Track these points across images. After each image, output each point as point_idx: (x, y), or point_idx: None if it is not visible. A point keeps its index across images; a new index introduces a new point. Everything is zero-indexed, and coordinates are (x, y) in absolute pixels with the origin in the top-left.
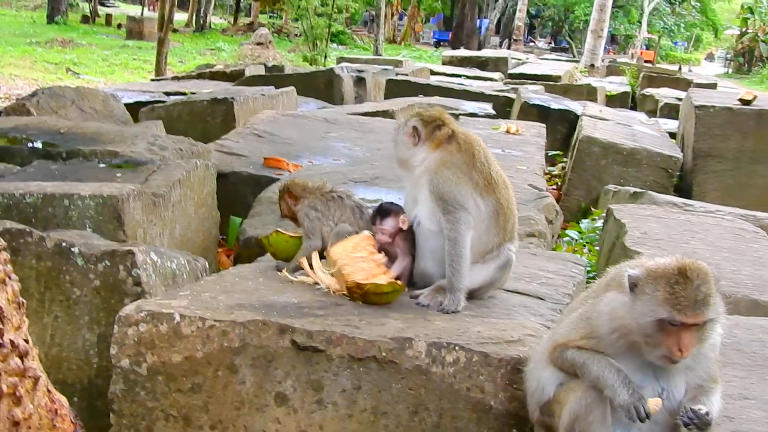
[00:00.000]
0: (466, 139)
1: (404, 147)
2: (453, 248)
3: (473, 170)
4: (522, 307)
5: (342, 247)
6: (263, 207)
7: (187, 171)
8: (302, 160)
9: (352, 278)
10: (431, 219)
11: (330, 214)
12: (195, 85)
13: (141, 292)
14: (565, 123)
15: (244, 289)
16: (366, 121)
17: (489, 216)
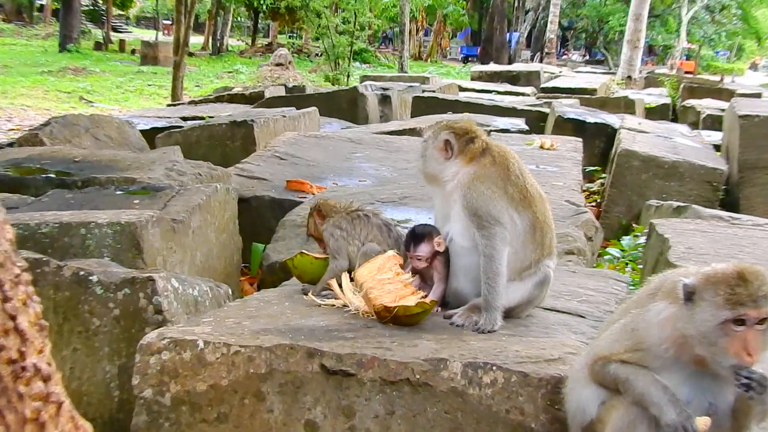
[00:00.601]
0: (500, 151)
1: (435, 161)
2: (489, 265)
3: (508, 184)
4: (562, 325)
5: (367, 269)
6: (287, 231)
7: (207, 196)
8: (326, 182)
9: (379, 302)
10: (464, 235)
11: (356, 233)
12: (213, 108)
13: (162, 320)
14: (602, 137)
15: (270, 314)
16: (392, 140)
17: (525, 231)
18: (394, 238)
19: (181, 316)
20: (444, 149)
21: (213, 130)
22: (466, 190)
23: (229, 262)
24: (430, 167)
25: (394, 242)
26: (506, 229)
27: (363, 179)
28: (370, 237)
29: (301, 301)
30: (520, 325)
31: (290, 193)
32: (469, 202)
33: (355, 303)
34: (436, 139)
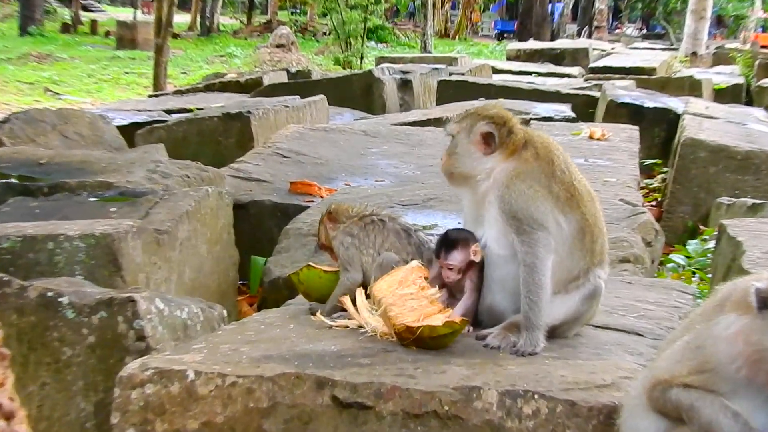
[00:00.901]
0: (543, 143)
1: (469, 158)
2: (530, 276)
3: (553, 181)
4: (615, 345)
5: (386, 282)
6: (291, 241)
7: (197, 201)
8: (337, 182)
9: (400, 321)
10: (501, 242)
11: (369, 241)
12: (202, 99)
13: (146, 347)
14: (662, 124)
15: (272, 338)
16: (414, 133)
17: (573, 236)
18: (415, 245)
19: (168, 343)
20: (483, 143)
21: (203, 124)
22: (504, 190)
23: (224, 280)
24: (463, 165)
25: (415, 250)
26: (550, 234)
27: (380, 179)
28: (387, 245)
29: (309, 323)
30: (567, 345)
31: (295, 197)
32: (507, 204)
33: (371, 323)
34: (472, 131)
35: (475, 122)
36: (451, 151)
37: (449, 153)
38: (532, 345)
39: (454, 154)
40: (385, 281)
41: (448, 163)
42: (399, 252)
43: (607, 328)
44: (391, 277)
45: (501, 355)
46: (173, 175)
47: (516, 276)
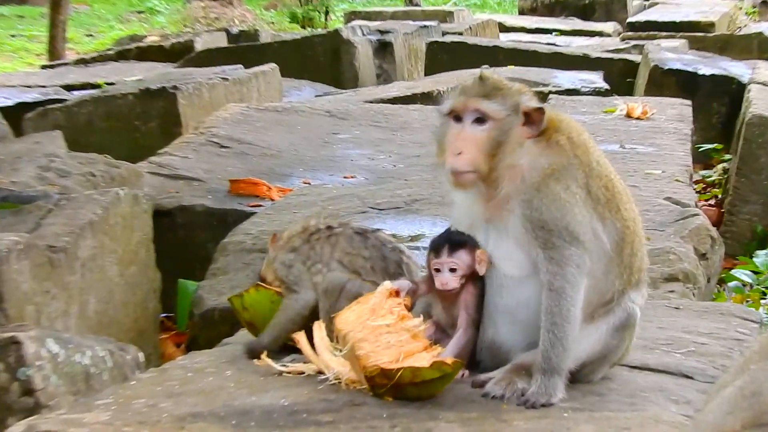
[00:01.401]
0: (574, 125)
1: (510, 148)
2: (557, 304)
3: (591, 178)
4: (656, 392)
5: (353, 313)
6: (230, 260)
7: (104, 209)
8: (293, 180)
9: (373, 362)
10: (516, 260)
11: (316, 255)
12: (114, 70)
13: (35, 404)
14: (723, 97)
15: (203, 390)
16: (395, 113)
17: (612, 249)
18: (374, 248)
19: (65, 398)
20: (531, 126)
21: (114, 104)
22: (534, 193)
23: (142, 312)
24: (502, 159)
25: (376, 254)
26: (586, 251)
27: (350, 174)
28: (338, 254)
29: (252, 368)
30: (592, 393)
31: (236, 200)
32: (537, 211)
33: (334, 367)
34: (516, 109)
35: (514, 96)
36: (483, 139)
37: (478, 141)
38: (548, 393)
39: (489, 143)
40: (352, 311)
41: (475, 157)
42: (354, 260)
43: (645, 369)
44: (359, 305)
45: (505, 408)
46: (73, 173)
47: (531, 304)
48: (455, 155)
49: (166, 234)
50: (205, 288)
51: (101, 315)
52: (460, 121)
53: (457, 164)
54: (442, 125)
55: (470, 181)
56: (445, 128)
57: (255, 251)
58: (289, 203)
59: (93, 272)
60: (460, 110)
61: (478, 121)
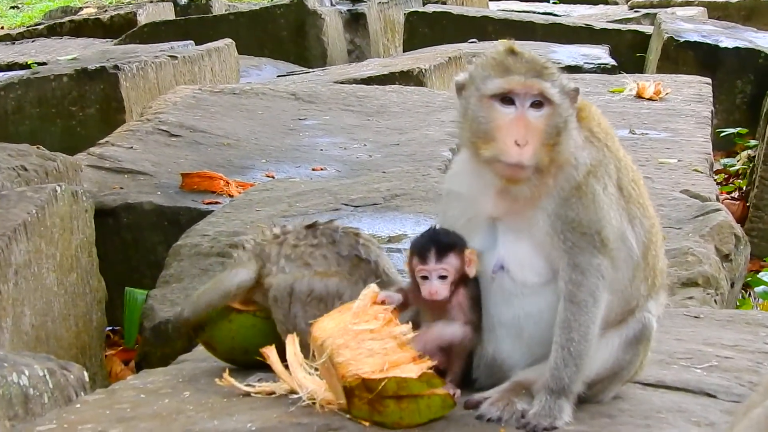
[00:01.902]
0: (596, 112)
1: (567, 135)
2: (577, 318)
3: (621, 172)
4: (675, 413)
5: (333, 320)
6: (185, 265)
7: (40, 208)
8: (255, 173)
9: (353, 372)
10: (533, 265)
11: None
12: (45, 48)
13: None
14: (749, 74)
15: (157, 413)
16: (370, 95)
17: (639, 255)
18: (323, 234)
19: (0, 423)
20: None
21: (46, 87)
22: (574, 190)
23: (84, 325)
24: (564, 149)
25: (327, 242)
26: (611, 260)
27: (320, 166)
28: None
29: (213, 388)
30: (601, 414)
31: (189, 197)
32: (574, 210)
33: (308, 386)
34: (565, 90)
35: (557, 75)
36: (544, 126)
37: (539, 129)
38: (552, 416)
39: (548, 131)
40: (331, 318)
41: (537, 148)
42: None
43: (661, 387)
44: (339, 312)
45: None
46: (2, 166)
47: (543, 317)
48: (519, 146)
49: (109, 236)
50: (156, 297)
51: (38, 329)
52: (512, 104)
53: (523, 157)
54: (484, 110)
55: (527, 176)
56: (489, 113)
57: (212, 255)
58: (251, 200)
59: (28, 280)
60: (517, 92)
61: (534, 105)
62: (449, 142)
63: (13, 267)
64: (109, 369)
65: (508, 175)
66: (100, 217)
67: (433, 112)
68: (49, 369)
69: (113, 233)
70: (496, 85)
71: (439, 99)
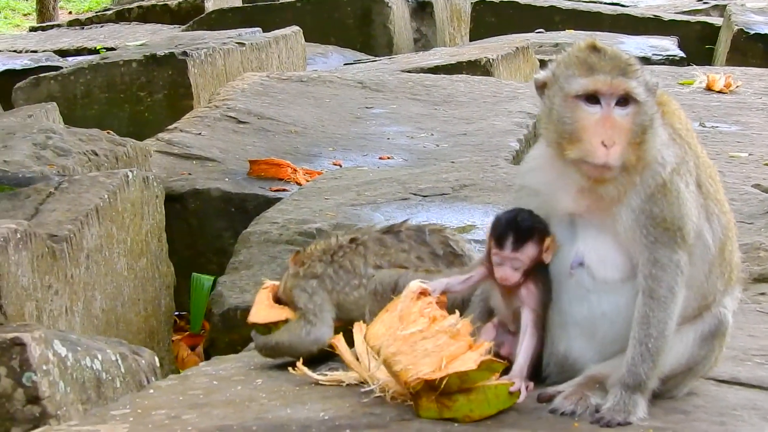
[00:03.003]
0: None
1: (654, 132)
2: (655, 314)
3: (700, 169)
4: (749, 410)
5: (383, 324)
6: (254, 252)
7: (111, 192)
8: (322, 161)
9: (413, 376)
10: (614, 262)
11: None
12: (113, 33)
13: (41, 413)
14: None
15: (230, 400)
16: (437, 84)
17: (716, 249)
18: (409, 237)
19: (74, 407)
20: None
21: (115, 72)
22: (658, 188)
23: (153, 310)
24: (651, 146)
25: (417, 243)
26: (690, 256)
27: (387, 155)
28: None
29: (285, 376)
30: (675, 410)
31: (257, 184)
32: (659, 206)
33: (380, 377)
34: (650, 88)
35: (641, 72)
36: (630, 125)
37: (626, 128)
38: (626, 411)
39: (634, 129)
40: (381, 323)
41: (624, 148)
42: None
43: (735, 384)
44: (387, 313)
45: (576, 426)
46: (73, 151)
47: (620, 316)
48: (607, 147)
49: (176, 222)
50: (225, 284)
51: (108, 313)
52: (597, 104)
53: (610, 158)
54: (569, 109)
55: (614, 176)
56: (573, 113)
57: (281, 243)
58: (319, 188)
59: (99, 265)
60: (603, 91)
61: (619, 103)
62: (517, 133)
63: (84, 251)
64: (175, 354)
65: (594, 175)
66: (168, 202)
67: (500, 102)
68: (121, 354)
69: (180, 219)
70: (580, 85)
71: (507, 89)
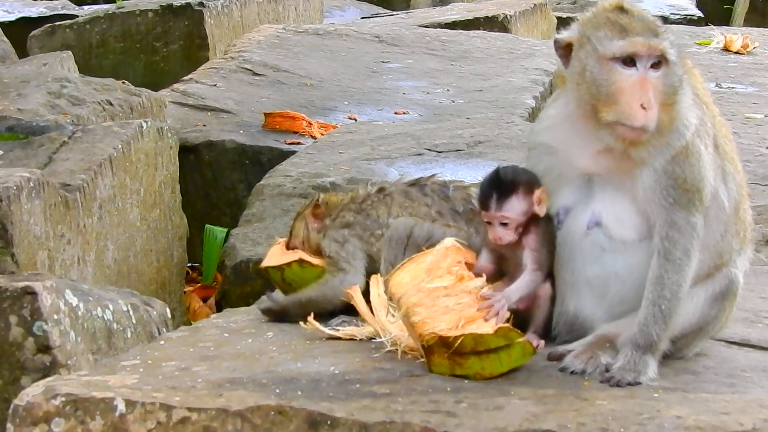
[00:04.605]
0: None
1: (684, 93)
2: (671, 276)
3: (717, 129)
4: (759, 372)
5: (408, 273)
6: (267, 205)
7: (126, 143)
8: (337, 114)
9: (429, 330)
10: (631, 221)
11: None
12: None
13: (52, 363)
14: None
15: (241, 353)
16: (454, 39)
17: (731, 208)
18: (438, 196)
19: (84, 357)
20: None
21: (131, 22)
22: (681, 150)
23: (165, 261)
24: (681, 108)
25: (440, 199)
26: (705, 217)
27: (402, 110)
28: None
29: (296, 330)
30: (685, 371)
31: (271, 136)
32: (681, 167)
33: (392, 331)
34: (677, 47)
35: (666, 30)
36: (663, 87)
37: (659, 90)
38: (636, 370)
39: (667, 91)
40: (406, 271)
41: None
42: (416, 211)
43: (746, 345)
44: (415, 264)
45: (586, 384)
46: (88, 100)
47: (631, 275)
48: (645, 110)
49: (190, 173)
50: (238, 236)
51: (120, 263)
52: (632, 65)
53: (648, 120)
54: (603, 71)
55: (648, 138)
56: (608, 75)
57: (295, 196)
58: (334, 141)
59: (112, 215)
60: (641, 53)
61: (654, 66)
62: (533, 90)
63: (97, 201)
64: (187, 305)
65: (630, 137)
66: (182, 153)
67: (517, 59)
68: (132, 304)
69: (194, 170)
70: (618, 47)
71: (523, 46)
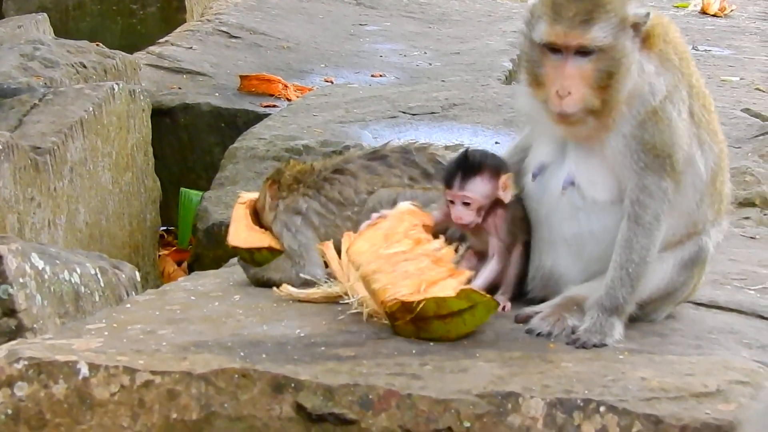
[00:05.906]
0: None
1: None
2: (639, 240)
3: (692, 98)
4: (726, 333)
5: (365, 240)
6: (240, 168)
7: (97, 105)
8: (313, 77)
9: (391, 296)
10: (604, 183)
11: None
12: None
13: (17, 326)
14: None
15: (207, 316)
16: (432, 2)
17: (707, 178)
18: (397, 160)
19: (51, 320)
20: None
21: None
22: (651, 114)
23: (138, 224)
24: (619, 88)
25: (407, 165)
26: (677, 185)
27: (379, 72)
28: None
29: (264, 294)
30: (652, 333)
31: (247, 99)
32: (650, 132)
33: (359, 292)
34: (626, 23)
35: (618, 8)
36: (591, 72)
37: (586, 76)
38: (602, 332)
39: (598, 75)
40: (364, 238)
41: (584, 94)
42: (388, 181)
43: (714, 307)
44: (372, 230)
45: (552, 347)
46: (61, 63)
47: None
48: (561, 97)
49: (166, 136)
50: (210, 199)
51: (92, 227)
52: (559, 53)
53: (566, 107)
54: (535, 53)
55: (579, 119)
56: (539, 58)
57: (268, 159)
58: (308, 104)
59: (83, 178)
60: (558, 43)
61: (581, 52)
62: (510, 53)
63: (68, 164)
64: (161, 269)
65: (556, 120)
66: (157, 116)
67: (495, 21)
68: (100, 268)
69: (170, 133)
70: (540, 34)
71: (502, 9)
